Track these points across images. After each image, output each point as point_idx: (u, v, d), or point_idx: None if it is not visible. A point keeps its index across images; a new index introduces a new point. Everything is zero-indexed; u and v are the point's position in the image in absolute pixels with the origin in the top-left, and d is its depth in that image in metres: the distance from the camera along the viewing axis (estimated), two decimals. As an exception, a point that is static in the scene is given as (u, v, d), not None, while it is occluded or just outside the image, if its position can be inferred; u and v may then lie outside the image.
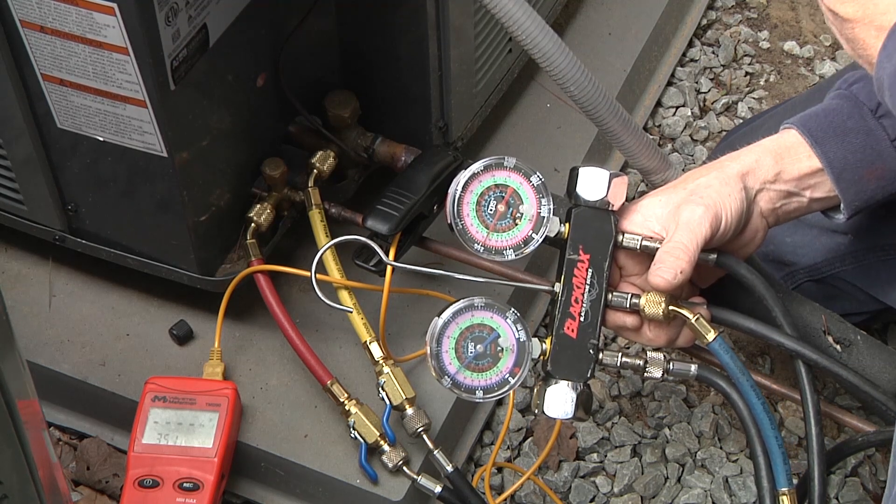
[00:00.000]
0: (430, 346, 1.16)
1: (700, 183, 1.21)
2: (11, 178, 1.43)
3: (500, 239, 1.19)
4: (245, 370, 1.49)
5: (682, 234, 1.18)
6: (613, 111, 1.35)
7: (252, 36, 1.36)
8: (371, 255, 1.43)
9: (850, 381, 1.20)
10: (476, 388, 1.17)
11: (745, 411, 1.19)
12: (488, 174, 1.19)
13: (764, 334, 1.21)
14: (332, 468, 1.42)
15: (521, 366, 1.17)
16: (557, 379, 1.17)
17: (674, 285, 1.17)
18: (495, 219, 1.19)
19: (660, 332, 1.22)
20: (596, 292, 1.18)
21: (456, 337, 1.17)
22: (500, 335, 1.17)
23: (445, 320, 1.16)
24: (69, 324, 1.53)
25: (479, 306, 1.17)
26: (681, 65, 1.91)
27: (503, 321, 1.17)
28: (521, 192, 1.19)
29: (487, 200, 1.19)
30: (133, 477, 1.37)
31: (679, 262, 1.17)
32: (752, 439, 1.18)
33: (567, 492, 1.49)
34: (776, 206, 1.25)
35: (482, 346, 1.17)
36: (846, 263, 1.44)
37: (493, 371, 1.17)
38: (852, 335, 1.32)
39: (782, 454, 1.17)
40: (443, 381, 1.16)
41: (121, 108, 1.28)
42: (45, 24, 1.23)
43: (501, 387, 1.17)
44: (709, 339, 1.19)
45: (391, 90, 1.52)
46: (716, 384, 1.21)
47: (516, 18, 1.28)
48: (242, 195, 1.46)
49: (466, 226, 1.19)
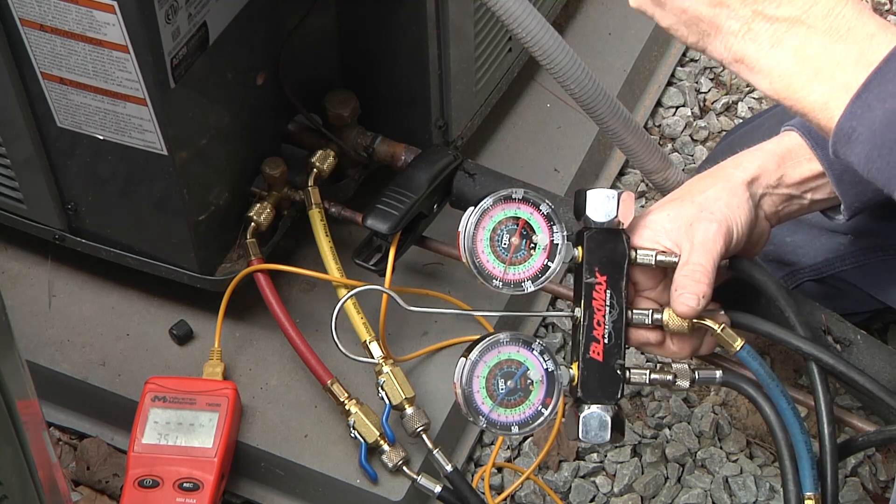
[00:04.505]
0: (461, 388, 1.15)
1: (708, 196, 1.20)
2: (11, 178, 1.43)
3: (518, 272, 1.18)
4: (245, 370, 1.49)
5: (699, 254, 1.17)
6: (614, 110, 1.35)
7: (252, 34, 1.36)
8: (371, 254, 1.43)
9: (867, 388, 1.20)
10: (511, 425, 1.16)
11: (771, 415, 1.18)
12: (498, 208, 1.18)
13: (781, 338, 1.20)
14: (332, 468, 1.42)
15: (553, 396, 1.16)
16: (589, 404, 1.17)
17: (698, 311, 1.17)
18: (511, 252, 1.18)
19: (683, 344, 1.21)
20: (616, 312, 1.17)
21: (485, 376, 1.15)
22: (528, 368, 1.16)
23: (474, 360, 1.15)
24: (69, 324, 1.52)
25: (505, 342, 1.16)
26: (681, 65, 1.91)
27: (530, 354, 1.16)
28: (533, 222, 1.18)
29: (500, 235, 1.18)
30: (133, 477, 1.37)
31: (700, 285, 1.16)
32: (779, 443, 1.17)
33: (567, 492, 1.49)
34: (778, 208, 1.25)
35: (512, 381, 1.15)
36: (846, 263, 1.43)
37: (526, 405, 1.16)
38: (852, 335, 1.32)
39: (811, 459, 1.16)
40: (478, 421, 1.15)
41: (120, 107, 1.28)
42: (45, 22, 1.23)
43: (535, 419, 1.16)
44: (736, 347, 1.18)
45: (391, 89, 1.52)
46: (742, 389, 1.20)
47: (517, 16, 1.28)
48: (242, 194, 1.46)
49: (483, 263, 1.18)
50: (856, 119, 0.96)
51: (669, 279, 1.21)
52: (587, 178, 1.72)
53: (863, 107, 0.96)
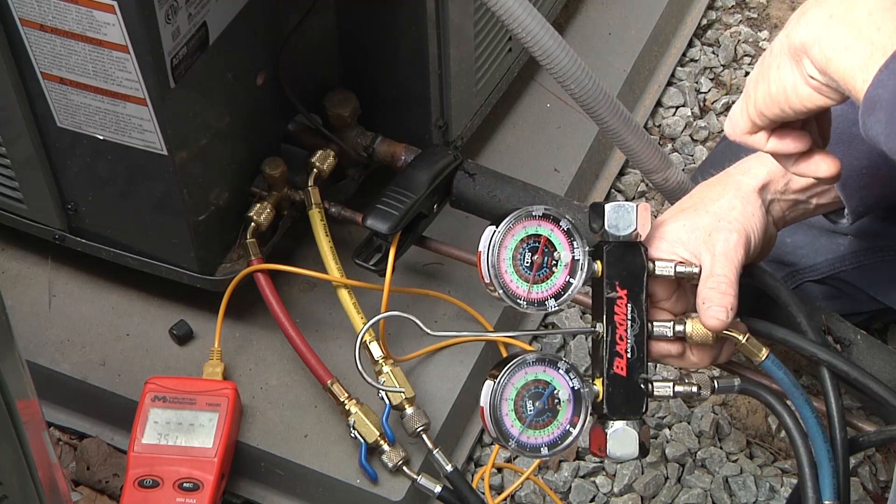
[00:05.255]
0: (489, 412, 1.13)
1: (723, 205, 1.20)
2: (11, 178, 1.43)
3: (541, 290, 1.16)
4: (245, 370, 1.49)
5: (722, 265, 1.16)
6: (614, 109, 1.35)
7: (252, 34, 1.36)
8: (371, 254, 1.43)
9: (881, 395, 1.19)
10: (541, 446, 1.14)
11: (790, 423, 1.17)
12: (519, 226, 1.15)
13: (797, 344, 1.20)
14: (332, 468, 1.41)
15: (580, 415, 1.14)
16: (615, 420, 1.15)
17: (728, 324, 1.16)
18: (533, 271, 1.16)
19: (704, 354, 1.20)
20: (638, 326, 1.16)
21: (514, 398, 1.13)
22: (556, 388, 1.14)
23: (503, 382, 1.13)
24: (69, 324, 1.52)
25: (532, 362, 1.14)
26: (681, 65, 1.91)
27: (556, 373, 1.14)
28: (554, 239, 1.16)
29: (522, 254, 1.16)
30: (133, 477, 1.37)
31: (727, 297, 1.15)
32: (798, 450, 1.17)
33: (567, 492, 1.49)
34: (785, 213, 1.25)
35: (540, 402, 1.14)
36: (846, 264, 1.43)
37: (555, 425, 1.14)
38: (852, 335, 1.32)
39: (832, 467, 1.16)
40: (508, 445, 1.13)
41: (120, 107, 1.28)
42: (45, 22, 1.23)
43: (564, 439, 1.14)
44: (761, 357, 1.18)
45: (391, 89, 1.52)
46: (761, 396, 1.19)
47: (517, 16, 1.28)
48: (242, 194, 1.46)
49: (507, 283, 1.15)
50: (882, 87, 0.94)
51: (683, 289, 1.20)
52: (587, 178, 1.72)
53: (890, 75, 0.94)
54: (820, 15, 0.99)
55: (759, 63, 1.07)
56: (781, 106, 1.04)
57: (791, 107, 1.03)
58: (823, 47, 0.98)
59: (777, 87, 1.03)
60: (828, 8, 0.99)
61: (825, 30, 0.98)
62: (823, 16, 0.99)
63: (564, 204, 1.44)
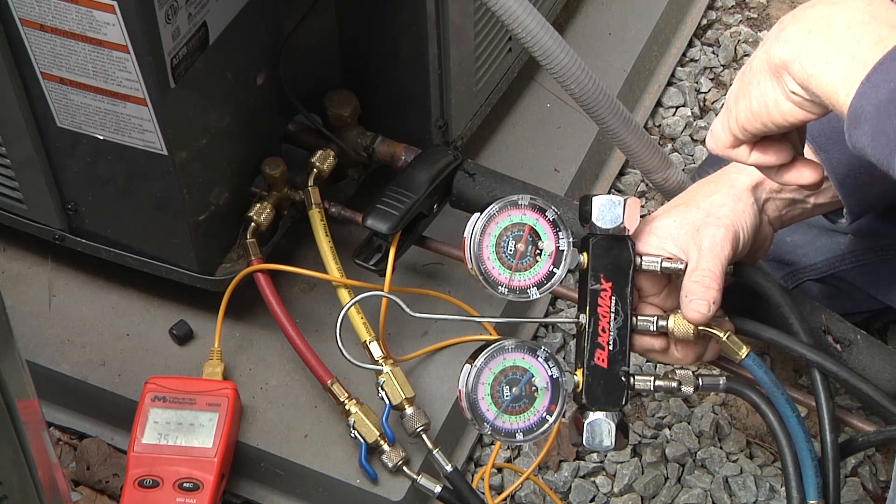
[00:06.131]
0: (465, 395, 1.14)
1: (714, 201, 1.20)
2: (11, 178, 1.43)
3: (523, 278, 1.17)
4: (245, 370, 1.49)
5: (707, 260, 1.17)
6: (614, 109, 1.35)
7: (252, 34, 1.36)
8: (371, 254, 1.43)
9: (871, 395, 1.20)
10: (515, 431, 1.15)
11: (775, 422, 1.18)
12: (504, 215, 1.17)
13: (786, 345, 1.20)
14: (332, 468, 1.42)
15: (557, 403, 1.16)
16: (594, 410, 1.17)
17: (709, 318, 1.16)
18: (516, 259, 1.17)
19: (687, 351, 1.21)
20: (621, 319, 1.17)
21: (490, 382, 1.15)
22: (533, 375, 1.15)
23: (479, 367, 1.14)
24: (69, 324, 1.52)
25: (511, 348, 1.15)
26: (681, 65, 1.91)
27: (535, 360, 1.15)
28: (539, 228, 1.17)
29: (506, 241, 1.17)
30: (133, 477, 1.37)
31: (710, 291, 1.16)
32: (782, 450, 1.17)
33: (567, 492, 1.49)
34: (782, 213, 1.25)
35: (517, 388, 1.15)
36: (846, 263, 1.43)
37: (531, 412, 1.15)
38: (852, 335, 1.32)
39: (814, 467, 1.16)
40: (483, 428, 1.15)
41: (120, 107, 1.28)
42: (45, 22, 1.23)
43: (540, 426, 1.16)
44: (742, 355, 1.18)
45: (391, 89, 1.52)
46: (746, 395, 1.20)
47: (517, 16, 1.28)
48: (242, 194, 1.46)
49: (489, 269, 1.16)
50: (865, 100, 0.95)
51: (673, 285, 1.21)
52: (587, 178, 1.72)
53: (872, 88, 0.94)
54: (798, 31, 0.99)
55: (739, 78, 1.07)
56: (763, 121, 1.04)
57: (773, 122, 1.04)
58: (804, 63, 0.98)
59: (758, 103, 1.04)
60: (805, 24, 0.99)
61: (805, 46, 0.99)
62: (802, 32, 0.99)
63: (564, 204, 1.44)
